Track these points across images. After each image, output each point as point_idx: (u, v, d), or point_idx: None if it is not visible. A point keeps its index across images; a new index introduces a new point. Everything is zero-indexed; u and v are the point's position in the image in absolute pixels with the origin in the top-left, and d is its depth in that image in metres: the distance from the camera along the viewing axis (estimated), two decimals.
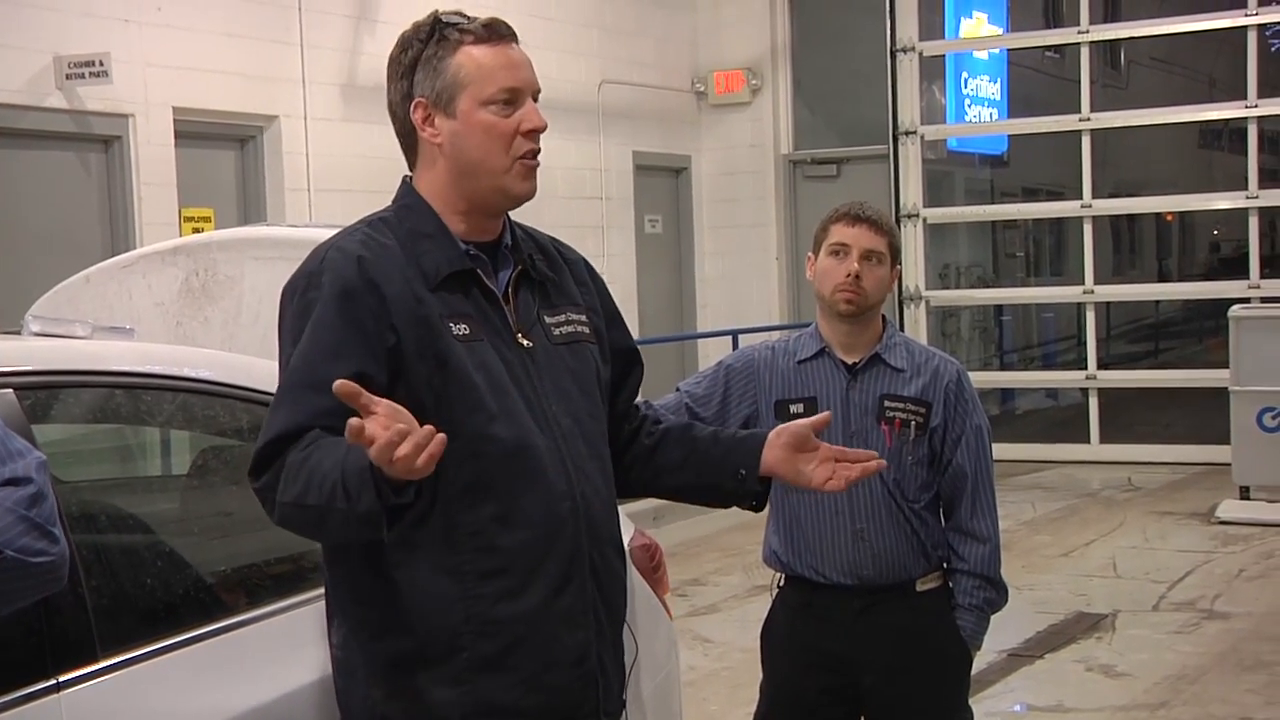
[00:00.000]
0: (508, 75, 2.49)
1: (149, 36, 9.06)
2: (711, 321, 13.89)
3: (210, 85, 9.45)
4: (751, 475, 2.68)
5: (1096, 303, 13.38)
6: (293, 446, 2.31)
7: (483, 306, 2.48)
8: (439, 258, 2.47)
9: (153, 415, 3.24)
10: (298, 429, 2.32)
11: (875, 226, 3.57)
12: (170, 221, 9.15)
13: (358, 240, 2.46)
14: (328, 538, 2.42)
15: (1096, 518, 10.43)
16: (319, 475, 2.26)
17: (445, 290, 2.46)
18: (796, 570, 3.66)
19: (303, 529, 2.36)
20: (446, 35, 2.50)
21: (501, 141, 2.48)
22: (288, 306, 2.44)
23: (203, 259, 3.85)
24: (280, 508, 2.32)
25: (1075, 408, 13.99)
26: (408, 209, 2.53)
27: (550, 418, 2.50)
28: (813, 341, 3.65)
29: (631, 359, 2.76)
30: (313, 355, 2.36)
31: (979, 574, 3.63)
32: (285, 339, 2.43)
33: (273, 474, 2.32)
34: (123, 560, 2.90)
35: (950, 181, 15.34)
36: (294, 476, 2.29)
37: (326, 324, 2.38)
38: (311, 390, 2.33)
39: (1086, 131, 12.96)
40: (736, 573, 8.77)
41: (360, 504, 2.21)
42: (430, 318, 2.42)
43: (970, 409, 3.62)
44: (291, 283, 2.46)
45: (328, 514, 2.26)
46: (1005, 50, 15.18)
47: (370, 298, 2.39)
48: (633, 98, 13.18)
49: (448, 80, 2.48)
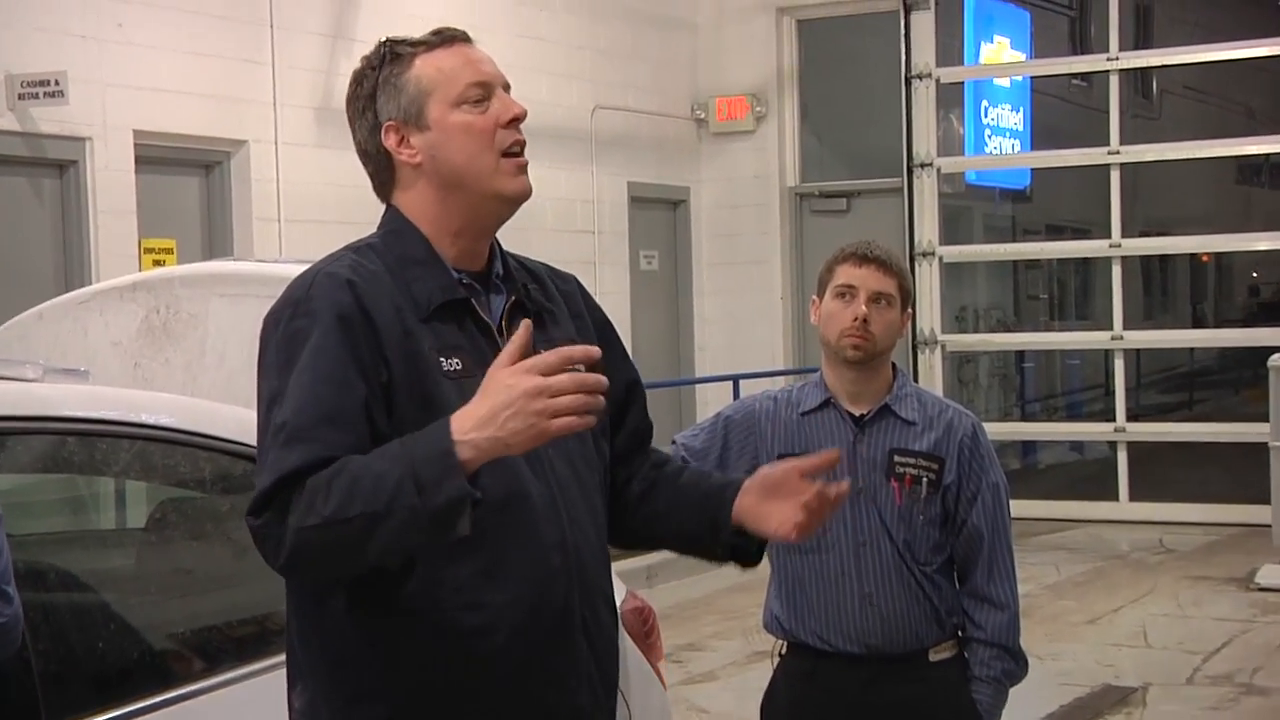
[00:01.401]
0: (472, 71, 2.52)
1: (109, 54, 9.11)
2: (710, 366, 13.90)
3: (174, 107, 9.49)
4: (724, 525, 2.60)
5: (1126, 349, 13.40)
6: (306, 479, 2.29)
7: (476, 340, 2.48)
8: (430, 285, 2.48)
9: (107, 464, 3.25)
10: (314, 463, 2.29)
11: (884, 267, 3.59)
12: (129, 253, 9.17)
13: (346, 265, 2.46)
14: (368, 555, 2.30)
15: (1125, 582, 10.41)
16: (368, 480, 2.24)
17: (437, 321, 2.46)
18: (799, 637, 3.66)
19: (330, 554, 2.30)
20: (399, 53, 2.54)
21: (483, 139, 2.49)
22: (271, 336, 2.43)
23: (164, 295, 3.87)
24: (298, 534, 2.26)
25: (1102, 462, 13.98)
26: (395, 234, 2.53)
27: (545, 463, 2.49)
28: (817, 391, 3.67)
29: (634, 391, 2.73)
30: (318, 387, 2.35)
31: (996, 643, 3.63)
32: (269, 372, 2.41)
33: (279, 508, 2.28)
34: (72, 622, 2.90)
35: (968, 217, 15.39)
36: (323, 494, 2.26)
37: (327, 352, 2.36)
38: (327, 424, 2.32)
39: (1115, 165, 13.01)
40: (736, 638, 8.75)
41: (439, 494, 2.21)
42: (419, 352, 2.42)
43: (986, 465, 3.62)
44: (274, 312, 2.45)
45: (383, 520, 2.23)
46: (1029, 78, 15.26)
47: (364, 327, 2.39)
48: (628, 124, 13.23)
49: (411, 93, 2.51)
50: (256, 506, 2.31)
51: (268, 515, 2.30)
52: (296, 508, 2.27)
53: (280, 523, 2.28)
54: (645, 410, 2.76)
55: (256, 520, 2.31)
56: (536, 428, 2.23)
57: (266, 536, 2.31)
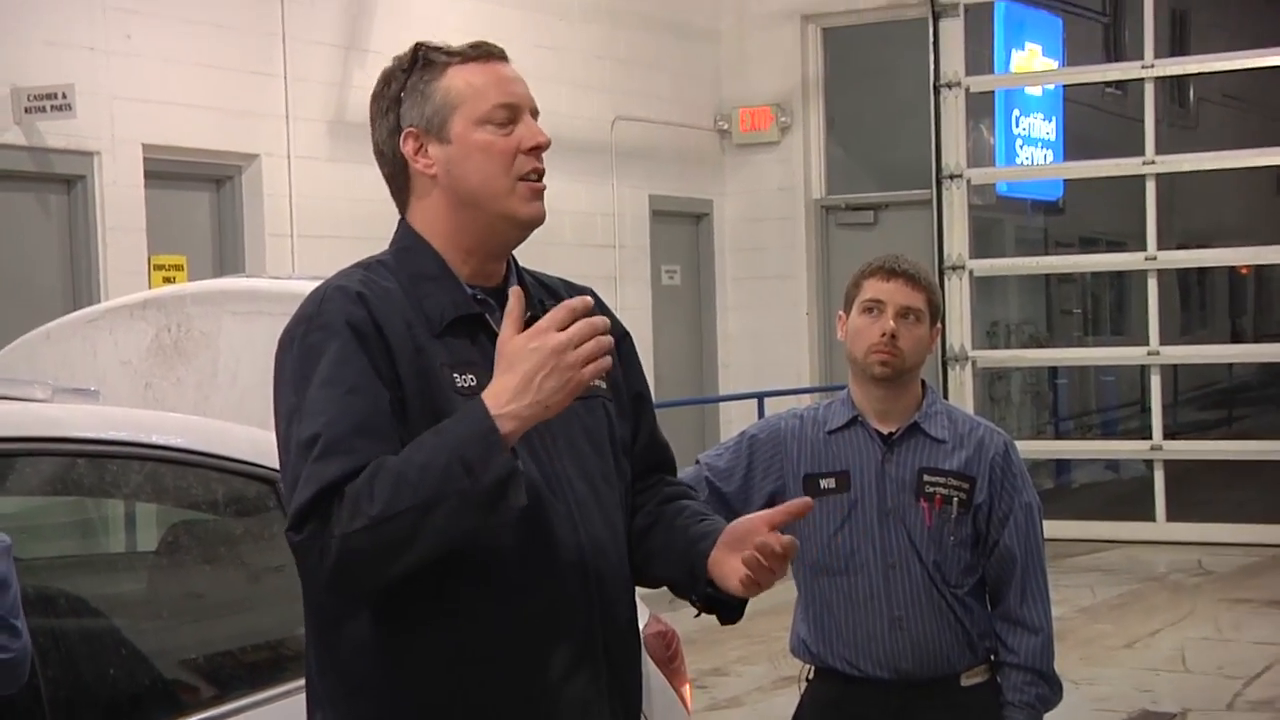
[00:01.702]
0: (502, 91, 2.53)
1: (117, 67, 9.15)
2: (734, 384, 13.90)
3: (184, 120, 9.53)
4: (700, 576, 2.55)
5: (1162, 365, 13.37)
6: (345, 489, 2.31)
7: (491, 356, 2.46)
8: (444, 300, 2.49)
9: (118, 487, 3.26)
10: (354, 476, 2.31)
11: (913, 281, 3.60)
12: (139, 270, 9.21)
13: (357, 279, 2.48)
14: (418, 550, 2.31)
15: (1163, 605, 10.38)
16: (412, 472, 2.27)
17: (451, 336, 2.48)
18: (827, 662, 3.66)
19: (380, 556, 2.30)
20: (432, 59, 2.54)
21: (501, 161, 2.51)
22: (286, 354, 2.45)
23: (175, 313, 3.89)
24: (345, 540, 2.28)
25: (1139, 481, 13.94)
26: (407, 251, 2.55)
27: (563, 481, 2.50)
28: (844, 409, 3.67)
29: (638, 405, 2.73)
30: (348, 397, 2.36)
31: (1030, 667, 3.63)
32: (286, 388, 2.42)
33: (320, 519, 2.29)
34: (83, 648, 2.92)
35: (999, 230, 15.36)
36: (367, 496, 2.28)
37: (349, 362, 2.39)
38: (363, 434, 2.34)
39: (1151, 176, 12.98)
40: (762, 662, 8.74)
41: (489, 472, 2.26)
42: (431, 369, 2.44)
43: (1019, 485, 3.63)
44: (289, 330, 2.47)
45: (435, 508, 2.26)
46: (1061, 86, 15.25)
47: (378, 341, 2.42)
48: (649, 136, 13.25)
49: (438, 103, 2.52)
50: (297, 521, 2.31)
51: (310, 528, 2.30)
52: (339, 516, 2.29)
53: (323, 533, 2.29)
54: (654, 428, 2.76)
55: (298, 535, 2.31)
56: (573, 380, 2.31)
57: (309, 549, 2.31)
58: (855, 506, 3.60)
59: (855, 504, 3.60)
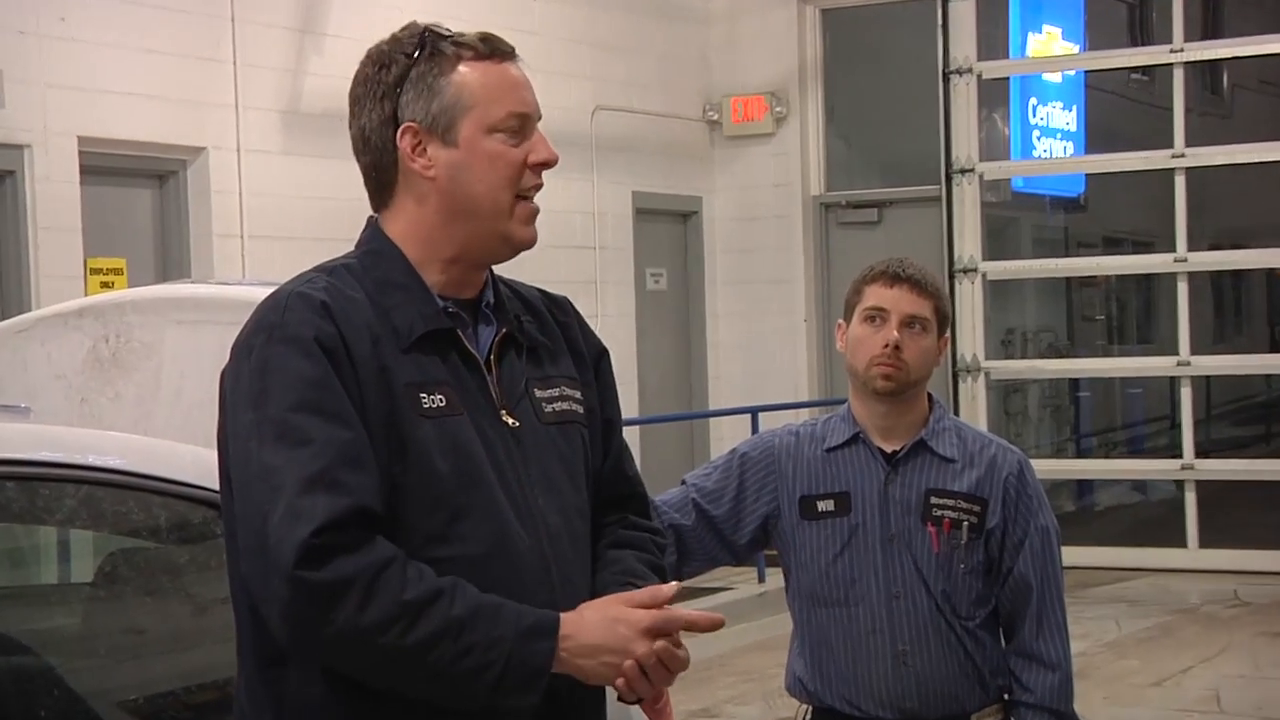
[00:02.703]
0: (516, 98, 2.55)
1: (50, 52, 9.15)
2: (726, 397, 13.91)
3: (124, 110, 9.53)
4: None
5: (1194, 376, 13.41)
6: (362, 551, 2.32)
7: (462, 375, 2.50)
8: (412, 313, 2.49)
9: (50, 512, 3.26)
10: (351, 514, 2.33)
11: (918, 287, 3.61)
12: (74, 274, 9.20)
13: (320, 287, 2.48)
14: (393, 684, 2.38)
15: (1195, 639, 10.40)
16: (462, 642, 2.33)
17: (420, 352, 2.48)
18: (826, 701, 3.67)
19: (390, 676, 2.36)
20: (440, 49, 2.54)
21: (508, 174, 2.53)
22: (242, 363, 2.44)
23: (114, 322, 3.89)
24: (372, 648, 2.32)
25: (1168, 504, 13.97)
26: (375, 255, 2.55)
27: (536, 514, 2.51)
28: (844, 425, 3.68)
29: (607, 430, 2.73)
30: (329, 427, 2.37)
31: (1047, 707, 3.64)
32: (241, 402, 2.42)
33: (332, 576, 2.30)
34: (11, 688, 2.92)
35: (1015, 229, 15.39)
36: (412, 620, 2.31)
37: (324, 385, 2.39)
38: (348, 467, 2.35)
39: (1181, 170, 13.03)
40: (755, 702, 8.75)
41: (514, 698, 2.36)
42: (394, 390, 2.43)
43: (1034, 507, 3.64)
44: (245, 340, 2.46)
45: (451, 683, 2.35)
46: (1082, 72, 15.29)
47: (343, 357, 2.42)
48: (632, 127, 13.27)
49: (447, 102, 2.51)
50: (307, 560, 2.30)
51: (320, 576, 2.30)
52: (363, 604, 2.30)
53: (332, 596, 2.30)
54: (621, 458, 2.75)
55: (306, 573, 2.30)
56: (617, 670, 2.41)
57: (313, 601, 2.31)
58: (856, 531, 3.62)
59: (856, 528, 3.62)
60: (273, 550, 2.32)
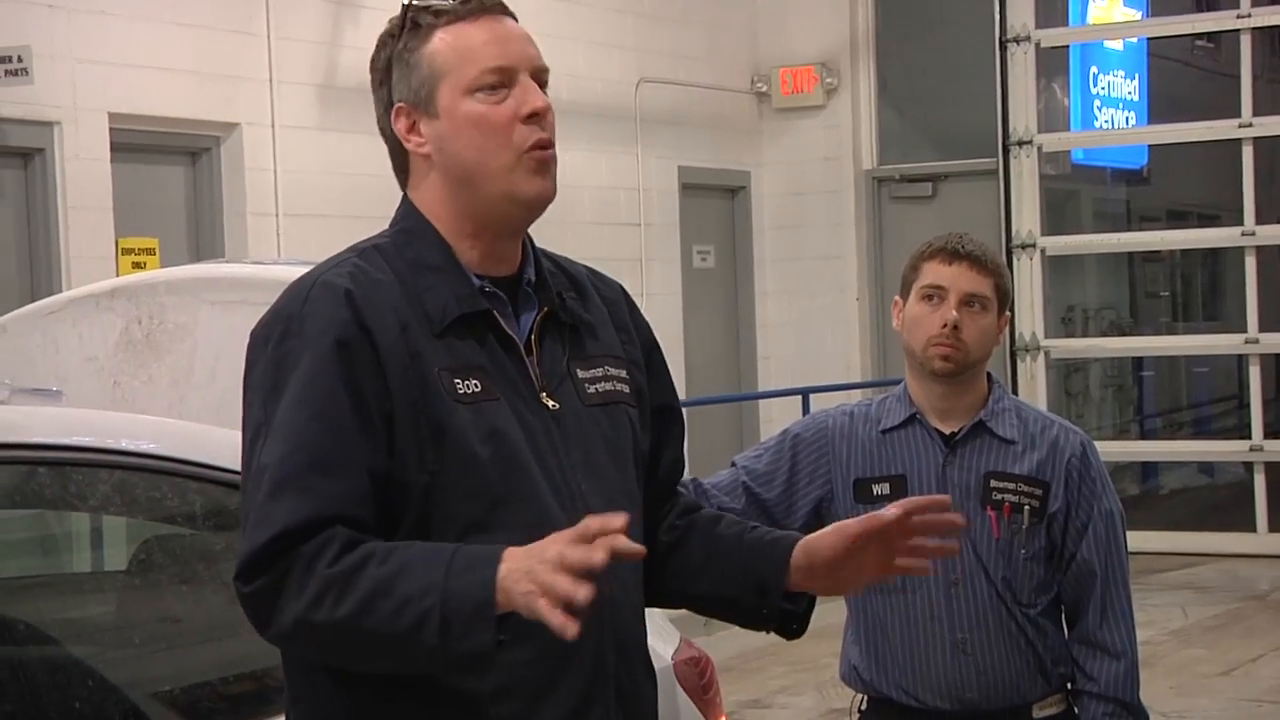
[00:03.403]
0: (493, 51, 2.50)
1: (80, 27, 9.18)
2: (775, 378, 13.90)
3: (155, 86, 9.56)
4: (775, 588, 2.62)
5: (1262, 354, 13.33)
6: (308, 544, 2.32)
7: (500, 358, 2.49)
8: (446, 295, 2.48)
9: (83, 498, 3.28)
10: (312, 523, 2.32)
11: (978, 264, 3.59)
12: (105, 255, 9.24)
13: (345, 273, 2.46)
14: (365, 665, 2.39)
15: (1265, 626, 10.35)
16: (392, 598, 2.28)
17: (454, 336, 2.46)
18: (882, 691, 3.67)
19: (326, 653, 2.37)
20: (418, 21, 2.52)
21: (498, 135, 2.48)
22: (259, 357, 2.44)
23: (146, 304, 3.90)
24: (299, 625, 2.30)
25: (1236, 486, 13.91)
26: (409, 234, 2.54)
27: (578, 500, 2.50)
28: (901, 406, 3.67)
29: (667, 418, 2.73)
30: (311, 424, 2.37)
31: (1111, 697, 3.63)
32: (255, 398, 2.43)
33: (274, 577, 2.32)
34: (45, 678, 2.93)
35: (1075, 203, 15.33)
36: (337, 590, 2.29)
37: (321, 383, 2.38)
38: (320, 472, 2.34)
39: (1248, 140, 12.94)
40: (808, 692, 8.75)
41: (464, 643, 2.27)
42: (428, 376, 2.42)
43: (1098, 490, 3.62)
44: (265, 326, 2.46)
45: (398, 648, 2.29)
46: (1145, 40, 15.20)
47: (365, 349, 2.40)
48: (678, 100, 13.25)
49: (423, 74, 2.50)
50: (246, 569, 2.33)
51: (261, 582, 2.32)
52: (300, 591, 2.30)
53: (276, 595, 2.31)
54: (679, 445, 2.75)
55: (247, 586, 2.33)
56: (526, 596, 2.24)
57: (258, 606, 2.34)
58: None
59: None
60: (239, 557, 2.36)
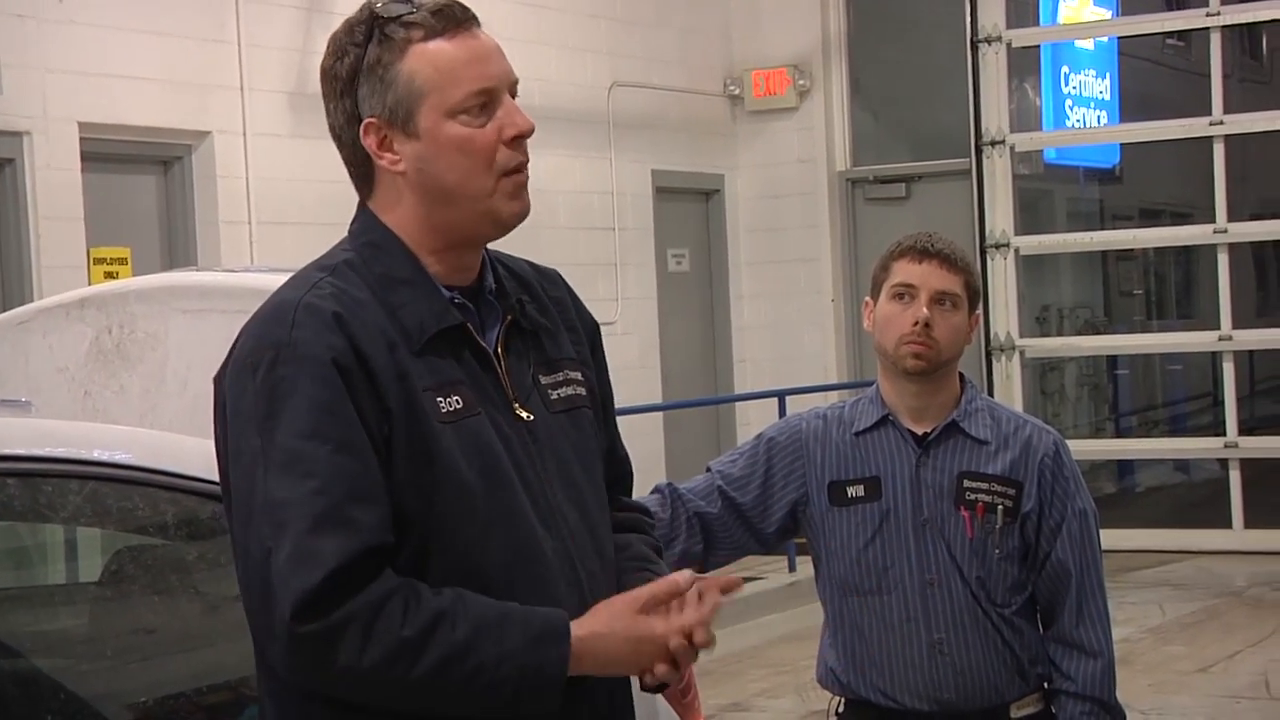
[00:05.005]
0: (476, 73, 2.45)
1: (49, 36, 9.16)
2: (752, 381, 13.90)
3: (126, 95, 9.53)
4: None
5: (1236, 351, 13.37)
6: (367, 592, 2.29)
7: (475, 372, 2.46)
8: (422, 311, 2.44)
9: (55, 509, 3.26)
10: (361, 556, 2.29)
11: (948, 262, 3.60)
12: (77, 264, 9.21)
13: (328, 294, 2.41)
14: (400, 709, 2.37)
15: (1243, 623, 10.38)
16: (469, 663, 2.30)
17: (433, 353, 2.43)
18: (859, 693, 3.67)
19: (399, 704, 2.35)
20: (389, 34, 2.45)
21: (481, 158, 2.45)
22: (246, 381, 2.37)
23: (117, 313, 3.89)
24: (379, 685, 2.30)
25: (1212, 484, 13.93)
26: (374, 248, 2.49)
27: (556, 512, 2.49)
28: (873, 407, 3.68)
29: (607, 412, 2.70)
30: (339, 459, 2.32)
31: (1089, 696, 3.63)
32: (245, 428, 2.36)
33: (332, 621, 2.27)
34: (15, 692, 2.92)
35: (1048, 202, 15.36)
36: (415, 654, 2.29)
37: (336, 412, 2.34)
38: (357, 503, 2.31)
39: (1220, 138, 12.98)
40: (788, 695, 8.75)
41: (535, 706, 2.34)
42: (415, 398, 2.39)
43: (1072, 489, 3.63)
44: (249, 354, 2.39)
45: (468, 703, 2.33)
46: (1115, 39, 15.24)
47: (362, 374, 2.36)
48: (651, 104, 13.25)
49: (401, 93, 2.44)
50: (304, 611, 2.27)
51: (316, 626, 2.28)
52: (364, 643, 2.28)
53: (332, 639, 2.28)
54: (615, 438, 2.72)
55: (301, 628, 2.27)
56: (637, 668, 2.41)
57: (311, 649, 2.29)
58: (887, 517, 3.61)
59: (887, 514, 3.61)
60: (278, 592, 2.29)
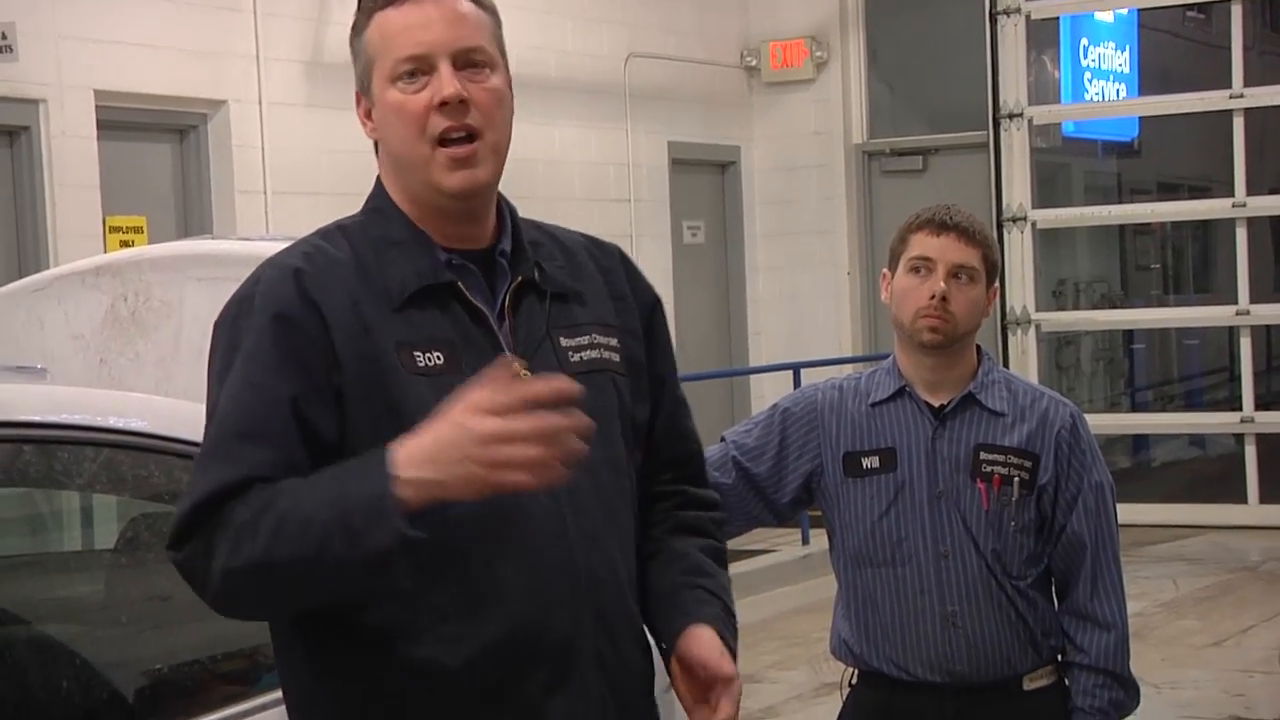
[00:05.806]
0: (409, 39, 2.48)
1: (66, 3, 9.15)
2: (767, 353, 13.91)
3: (141, 63, 9.53)
4: (667, 646, 2.61)
5: (1253, 326, 13.34)
6: (227, 506, 2.34)
7: (467, 330, 2.49)
8: (405, 270, 2.49)
9: (70, 476, 3.27)
10: (233, 486, 2.35)
11: (966, 235, 3.59)
12: (92, 233, 9.22)
13: (299, 253, 2.50)
14: (302, 601, 2.40)
15: (1257, 597, 10.38)
16: (294, 523, 2.29)
17: (415, 309, 2.47)
18: (872, 664, 3.67)
19: (262, 599, 2.38)
20: (362, 6, 2.56)
21: (413, 124, 2.49)
22: (217, 341, 2.48)
23: (133, 281, 3.89)
24: (227, 576, 2.32)
25: (1227, 458, 13.93)
26: (377, 213, 2.56)
27: None
28: (890, 379, 3.67)
29: (658, 390, 2.71)
30: (244, 396, 2.40)
31: (1102, 668, 3.64)
32: (213, 380, 2.47)
33: (202, 540, 2.34)
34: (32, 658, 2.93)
35: (1066, 176, 15.32)
36: (249, 532, 2.31)
37: (259, 356, 2.41)
38: (244, 440, 2.37)
39: (1239, 111, 12.94)
40: (800, 667, 8.77)
41: (370, 542, 2.26)
42: (381, 351, 2.43)
43: (1088, 462, 3.63)
44: (223, 312, 2.50)
45: (313, 569, 2.30)
46: (1135, 11, 15.18)
47: (310, 322, 2.42)
48: (668, 75, 13.23)
49: (363, 62, 2.55)
50: (175, 537, 2.37)
51: (189, 548, 2.36)
52: (221, 543, 2.33)
53: (206, 557, 2.34)
54: (676, 415, 2.73)
55: (178, 554, 2.37)
56: (479, 479, 2.26)
57: (192, 571, 2.37)
58: (903, 488, 3.61)
59: (902, 486, 3.61)
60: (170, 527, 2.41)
